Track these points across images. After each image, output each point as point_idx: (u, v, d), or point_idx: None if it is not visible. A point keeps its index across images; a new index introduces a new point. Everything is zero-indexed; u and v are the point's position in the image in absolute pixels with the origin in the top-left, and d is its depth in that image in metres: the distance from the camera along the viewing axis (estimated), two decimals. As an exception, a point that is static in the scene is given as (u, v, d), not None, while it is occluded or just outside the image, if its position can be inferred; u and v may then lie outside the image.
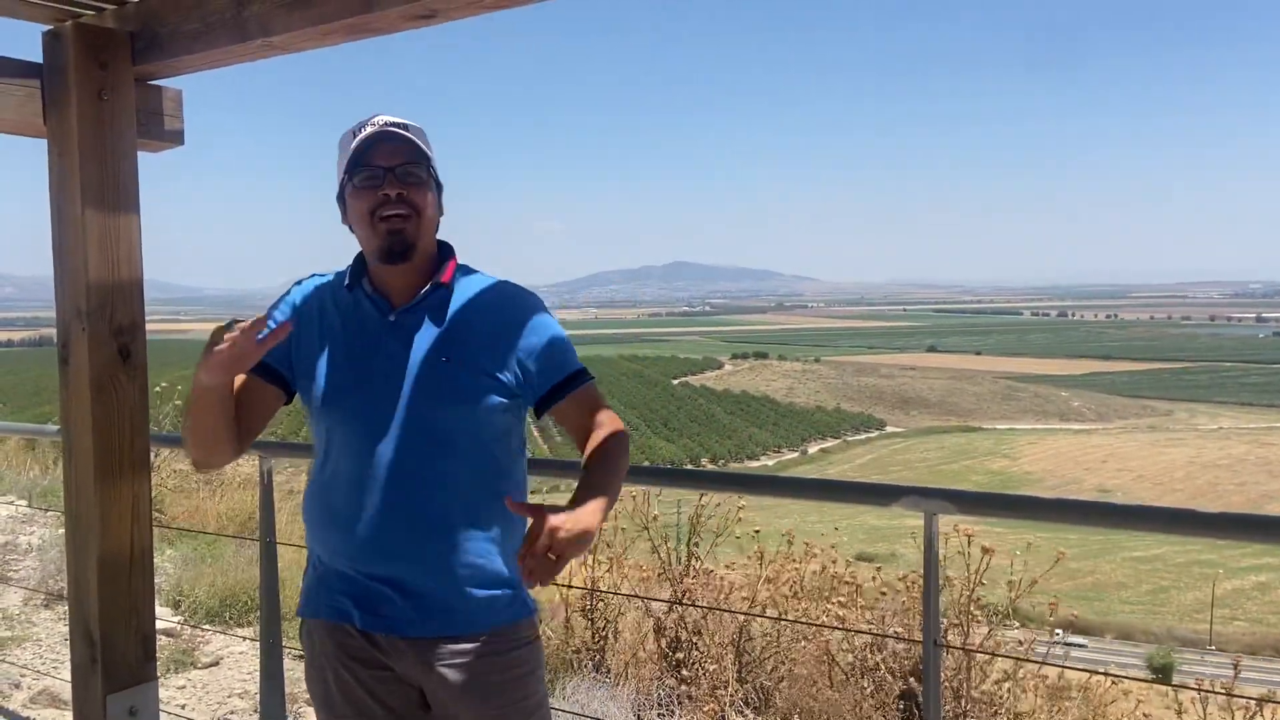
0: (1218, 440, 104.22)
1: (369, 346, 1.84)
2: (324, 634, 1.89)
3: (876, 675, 3.85)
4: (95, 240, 2.30)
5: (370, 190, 1.78)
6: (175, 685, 4.26)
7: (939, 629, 2.26)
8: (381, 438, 1.79)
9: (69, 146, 2.29)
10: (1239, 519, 2.00)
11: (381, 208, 1.77)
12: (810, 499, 2.82)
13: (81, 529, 2.39)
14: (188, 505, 7.06)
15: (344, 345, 1.86)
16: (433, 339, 1.83)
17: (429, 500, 1.80)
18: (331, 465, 1.86)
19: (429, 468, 1.80)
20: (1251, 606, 47.84)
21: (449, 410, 1.80)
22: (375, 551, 1.81)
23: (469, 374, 1.80)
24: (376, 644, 1.84)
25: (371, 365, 1.83)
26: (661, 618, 4.23)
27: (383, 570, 1.81)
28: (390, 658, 1.84)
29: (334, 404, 1.84)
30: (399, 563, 1.80)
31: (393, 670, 1.85)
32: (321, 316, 1.90)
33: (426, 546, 1.80)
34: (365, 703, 1.86)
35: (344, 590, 1.85)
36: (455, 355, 1.81)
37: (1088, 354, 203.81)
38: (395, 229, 1.78)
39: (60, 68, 2.30)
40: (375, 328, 1.85)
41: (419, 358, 1.82)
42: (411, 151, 1.79)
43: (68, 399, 2.38)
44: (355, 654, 1.85)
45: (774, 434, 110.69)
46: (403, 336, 1.83)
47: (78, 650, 2.43)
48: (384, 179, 1.77)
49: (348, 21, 2.00)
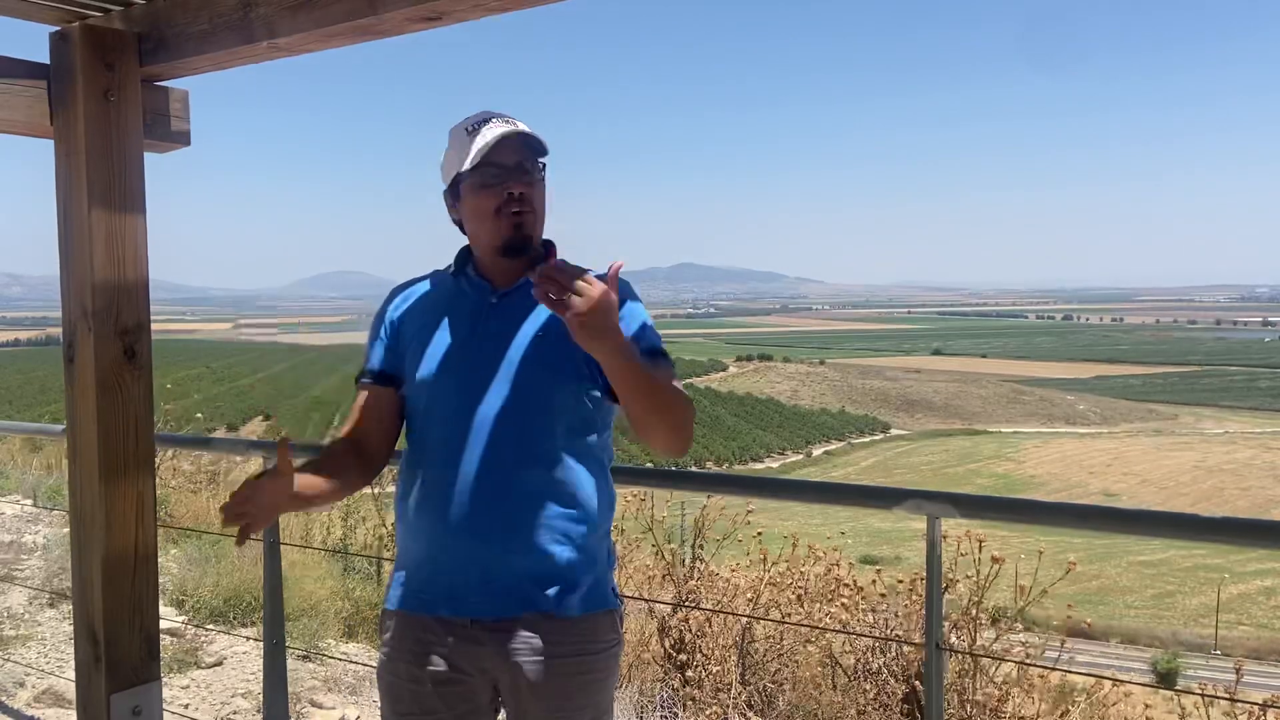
0: (1223, 444, 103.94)
1: (472, 326, 1.91)
2: (404, 627, 1.90)
3: (879, 678, 3.85)
4: (101, 240, 2.31)
5: (494, 188, 1.85)
6: (179, 685, 4.27)
7: (942, 632, 2.25)
8: (479, 408, 1.84)
9: (76, 147, 2.30)
10: (1244, 524, 1.99)
11: (506, 205, 1.85)
12: (814, 501, 2.82)
13: (86, 528, 2.40)
14: (192, 505, 7.08)
15: (446, 328, 1.93)
16: (534, 317, 1.89)
17: (523, 473, 1.83)
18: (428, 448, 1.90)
19: (526, 441, 1.84)
20: (1257, 611, 47.69)
21: (546, 387, 1.86)
22: (467, 528, 1.82)
23: (568, 351, 1.80)
24: (457, 634, 1.84)
25: (473, 343, 1.89)
26: (665, 619, 4.23)
27: (473, 548, 1.83)
28: (470, 649, 1.84)
29: (436, 381, 1.89)
30: (490, 537, 1.82)
31: (466, 670, 1.85)
32: (421, 310, 1.98)
33: (517, 520, 1.83)
34: (432, 702, 1.87)
35: (431, 580, 1.87)
36: (551, 330, 1.86)
37: (1093, 357, 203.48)
38: (518, 223, 1.86)
39: (67, 69, 2.31)
40: (478, 308, 1.92)
41: (521, 334, 1.88)
42: (530, 151, 1.87)
43: (73, 398, 2.38)
44: (432, 649, 1.86)
45: (778, 436, 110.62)
46: (505, 315, 1.90)
47: (81, 649, 2.44)
48: (507, 177, 1.85)
49: (353, 24, 2.00)
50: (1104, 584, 48.38)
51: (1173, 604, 48.43)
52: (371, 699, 4.29)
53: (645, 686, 4.06)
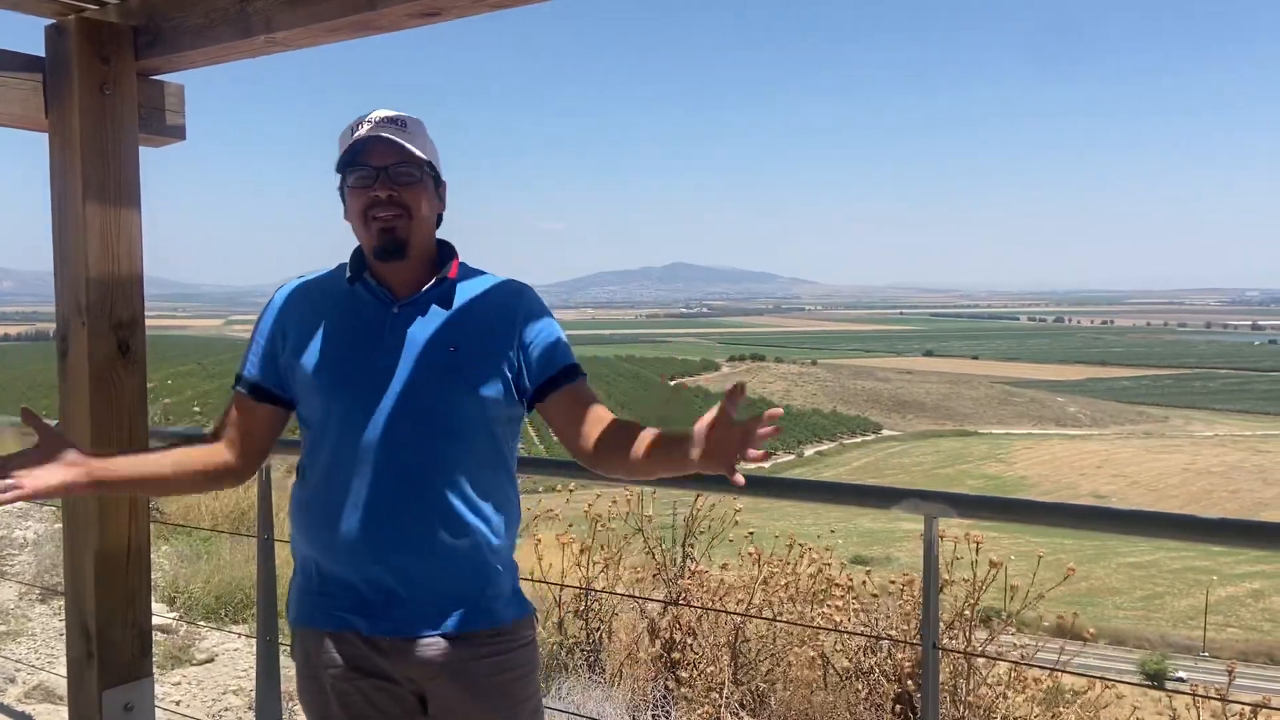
0: (1213, 447, 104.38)
1: (372, 337, 1.84)
2: (321, 644, 1.86)
3: (871, 678, 3.85)
4: (96, 234, 2.30)
5: (363, 190, 1.79)
6: (171, 681, 4.26)
7: (938, 632, 2.26)
8: (384, 425, 1.79)
9: (71, 140, 2.29)
10: (1236, 525, 2.00)
11: (373, 208, 1.79)
12: (811, 501, 2.81)
13: (78, 524, 2.39)
14: (184, 501, 7.04)
15: (344, 336, 1.85)
16: (438, 329, 1.84)
17: (433, 489, 1.79)
18: (327, 459, 1.84)
19: (433, 455, 1.80)
20: (1245, 613, 47.89)
21: (456, 398, 1.81)
22: (378, 544, 1.79)
23: (475, 363, 1.82)
24: (379, 648, 1.82)
25: (375, 354, 1.82)
26: (656, 618, 4.23)
27: (385, 566, 1.79)
28: (392, 661, 1.82)
29: (336, 393, 1.83)
30: (403, 554, 1.79)
31: (392, 678, 1.83)
32: (314, 314, 1.89)
33: (431, 536, 1.79)
34: (366, 713, 1.84)
35: (344, 596, 1.83)
36: (462, 345, 1.83)
37: (1084, 359, 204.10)
38: (387, 227, 1.79)
39: (63, 62, 2.30)
40: (378, 318, 1.85)
41: (425, 346, 1.83)
42: (404, 151, 1.79)
43: (66, 392, 2.37)
44: (356, 663, 1.83)
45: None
46: (408, 326, 1.84)
47: (74, 645, 2.43)
48: (376, 179, 1.78)
49: (351, 19, 2.00)
50: (1093, 585, 48.50)
51: (1161, 606, 48.60)
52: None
53: (637, 686, 4.05)
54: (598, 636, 4.35)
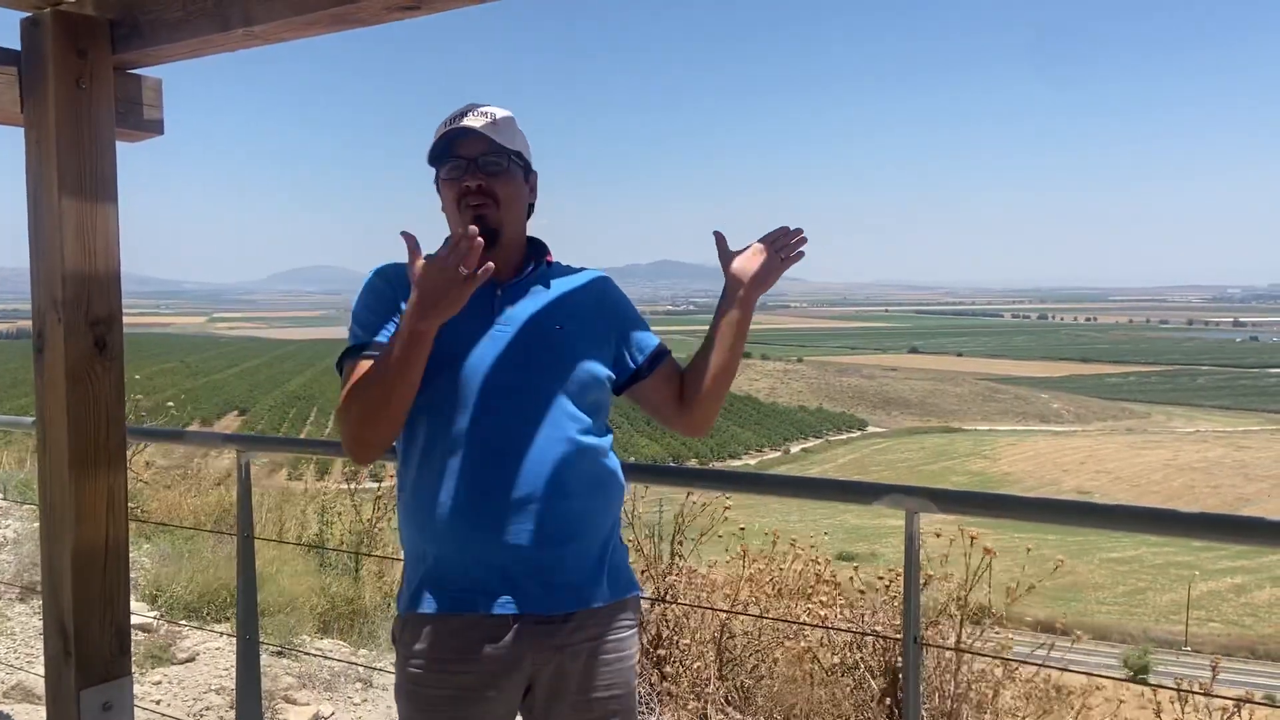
0: (1194, 443, 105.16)
1: (480, 314, 1.86)
2: (435, 627, 1.83)
3: (857, 674, 3.86)
4: (72, 230, 2.27)
5: (455, 180, 1.89)
6: (151, 681, 4.23)
7: (919, 627, 2.26)
8: (506, 404, 1.82)
9: (46, 135, 2.26)
10: (1217, 520, 2.01)
11: (465, 197, 1.87)
12: (793, 496, 2.81)
13: (56, 521, 2.36)
14: (165, 500, 7.00)
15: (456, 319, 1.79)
16: (544, 308, 1.92)
17: (549, 467, 1.81)
18: (441, 441, 1.82)
19: (554, 434, 1.82)
20: (1227, 608, 48.30)
21: (566, 376, 1.86)
22: (494, 524, 1.79)
23: (581, 341, 1.90)
24: (494, 629, 1.80)
25: (484, 331, 1.86)
26: (643, 615, 4.23)
27: (509, 544, 1.79)
28: (510, 646, 1.80)
29: (448, 370, 1.82)
30: (519, 534, 1.79)
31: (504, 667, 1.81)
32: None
33: (549, 515, 1.80)
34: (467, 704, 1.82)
35: (465, 579, 1.82)
36: (568, 324, 1.91)
37: (1067, 356, 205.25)
38: (478, 216, 1.86)
39: (38, 55, 2.27)
40: (483, 300, 1.86)
41: (534, 326, 1.89)
42: (491, 143, 1.87)
43: (43, 390, 2.35)
44: (467, 644, 1.81)
45: (756, 434, 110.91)
46: (514, 306, 1.91)
47: (51, 644, 2.40)
48: (466, 169, 1.87)
49: (331, 11, 1.98)
50: (1076, 580, 48.81)
51: (1144, 601, 48.95)
52: (345, 695, 4.26)
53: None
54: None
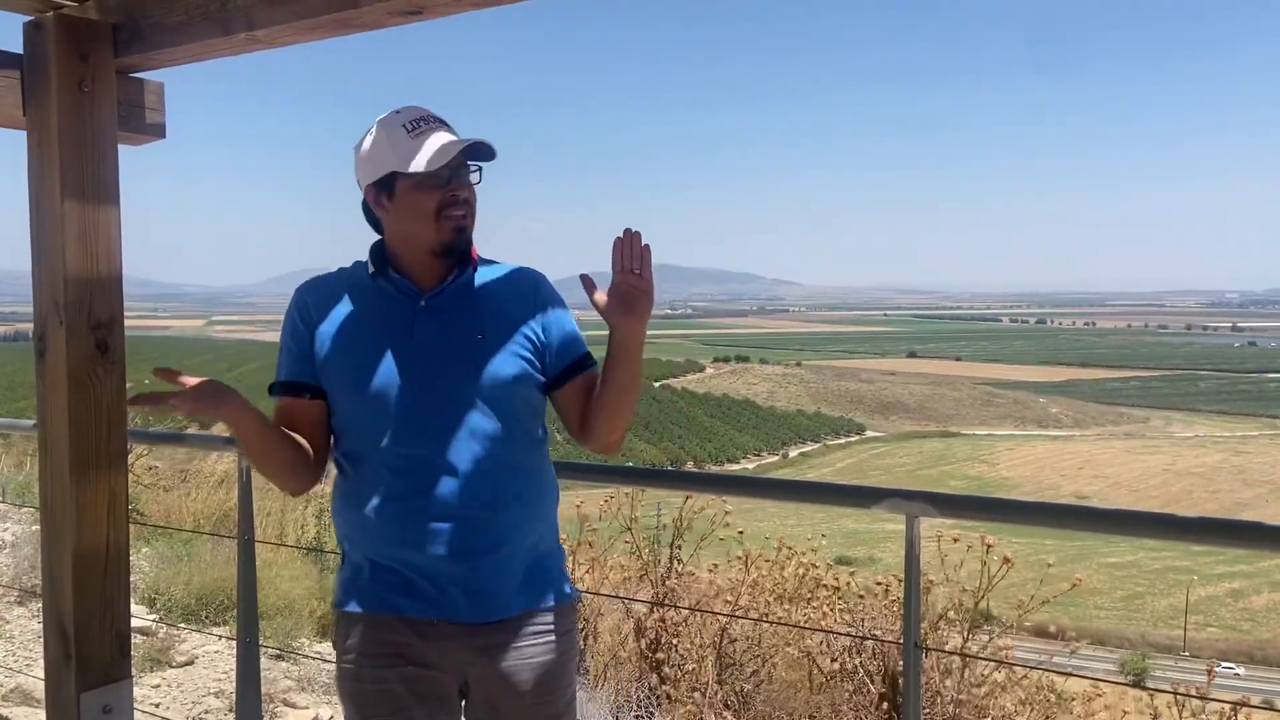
0: (1193, 448, 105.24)
1: (402, 331, 1.86)
2: (365, 627, 1.87)
3: (856, 678, 3.86)
4: (74, 233, 2.28)
5: (436, 189, 1.83)
6: (150, 684, 4.22)
7: (919, 631, 2.26)
8: (424, 419, 1.82)
9: (49, 138, 2.26)
10: (1215, 524, 2.01)
11: (450, 207, 1.84)
12: (793, 500, 2.82)
13: (56, 524, 2.36)
14: (165, 502, 7.00)
15: (373, 333, 1.88)
16: (467, 318, 1.88)
17: (472, 474, 1.81)
18: (369, 454, 1.86)
19: (473, 446, 1.82)
20: (1225, 613, 48.32)
21: (491, 386, 1.84)
22: (421, 531, 1.80)
23: (506, 350, 1.87)
24: (423, 634, 1.83)
25: (407, 348, 1.85)
26: (642, 618, 4.23)
27: (428, 552, 1.80)
28: (437, 647, 1.83)
29: (368, 391, 1.84)
30: (445, 540, 1.80)
31: (432, 664, 1.84)
32: (339, 310, 1.92)
33: (472, 521, 1.81)
34: (403, 700, 1.84)
35: (391, 581, 1.84)
36: (490, 333, 1.87)
37: (1066, 361, 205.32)
38: (460, 226, 1.85)
39: (41, 59, 2.27)
40: (406, 312, 1.88)
41: (456, 337, 1.86)
42: (470, 154, 1.86)
43: (44, 393, 2.35)
44: (395, 649, 1.84)
45: (754, 437, 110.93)
46: (437, 318, 1.87)
47: (51, 647, 2.40)
48: (450, 180, 1.84)
49: (333, 16, 1.98)
50: (1075, 585, 48.71)
51: (1142, 605, 48.98)
52: (345, 699, 4.26)
53: (621, 686, 4.05)
54: (582, 637, 4.35)
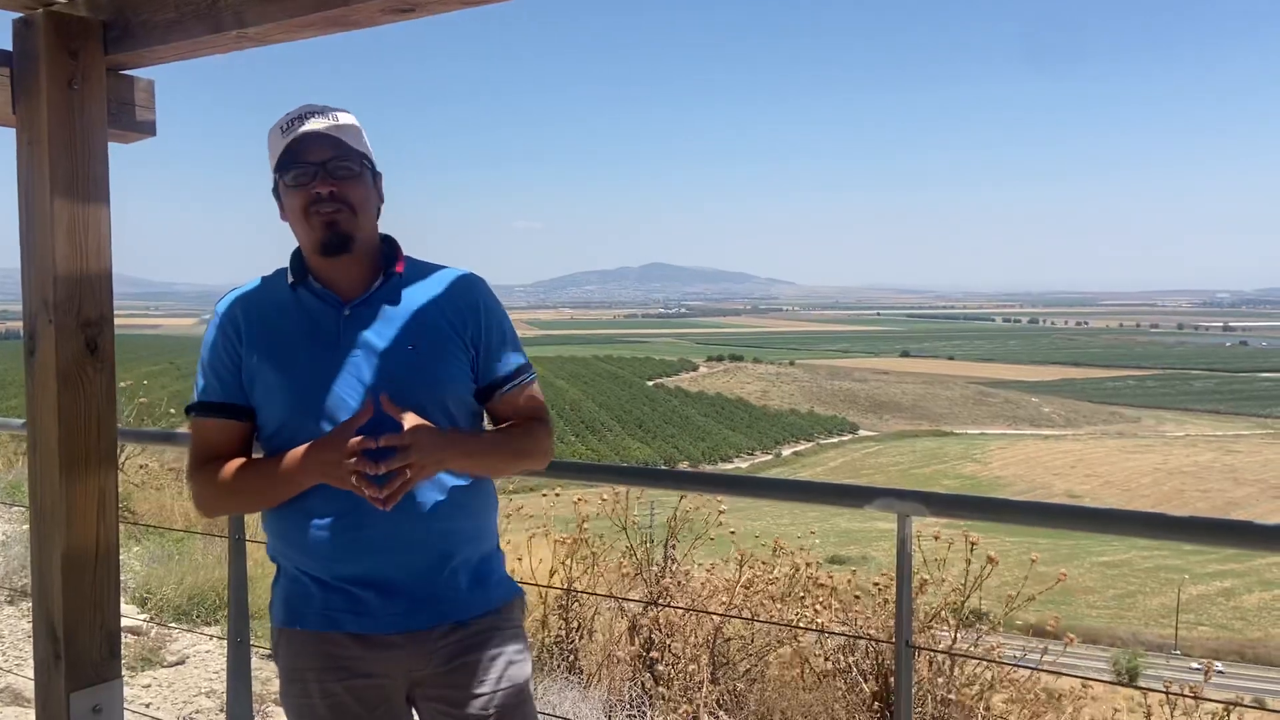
0: (1184, 447, 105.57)
1: (326, 342, 1.81)
2: (305, 645, 1.83)
3: (849, 677, 3.87)
4: (64, 231, 2.26)
5: (302, 187, 1.78)
6: (141, 684, 4.21)
7: (911, 630, 2.26)
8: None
9: (38, 136, 2.25)
10: (1207, 523, 2.02)
11: (315, 204, 1.77)
12: (785, 499, 2.82)
13: (46, 523, 2.35)
14: (155, 502, 6.98)
15: (297, 344, 1.83)
16: (394, 328, 1.82)
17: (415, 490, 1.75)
18: None
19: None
20: (1216, 612, 48.49)
21: (421, 397, 1.78)
22: (360, 549, 1.78)
23: (436, 359, 1.82)
24: (367, 645, 1.80)
25: (333, 360, 1.80)
26: (636, 618, 4.23)
27: (369, 568, 1.78)
28: (381, 657, 1.80)
29: (299, 404, 1.80)
30: (386, 556, 1.78)
31: (379, 674, 1.81)
32: (262, 323, 1.86)
33: (412, 536, 1.78)
34: (352, 711, 1.81)
35: (328, 596, 1.81)
36: (420, 342, 1.81)
37: (1058, 360, 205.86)
38: (329, 221, 1.77)
39: (30, 56, 2.26)
40: (330, 323, 1.83)
41: (384, 347, 1.80)
42: (340, 145, 1.78)
43: (34, 391, 2.34)
44: (341, 663, 1.81)
45: (748, 437, 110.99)
46: (362, 329, 1.82)
47: (41, 647, 2.39)
48: (315, 175, 1.77)
49: (325, 14, 1.97)
50: (1066, 584, 48.77)
51: (1134, 604, 49.11)
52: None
53: (615, 685, 4.05)
54: (576, 637, 4.34)
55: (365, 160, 1.83)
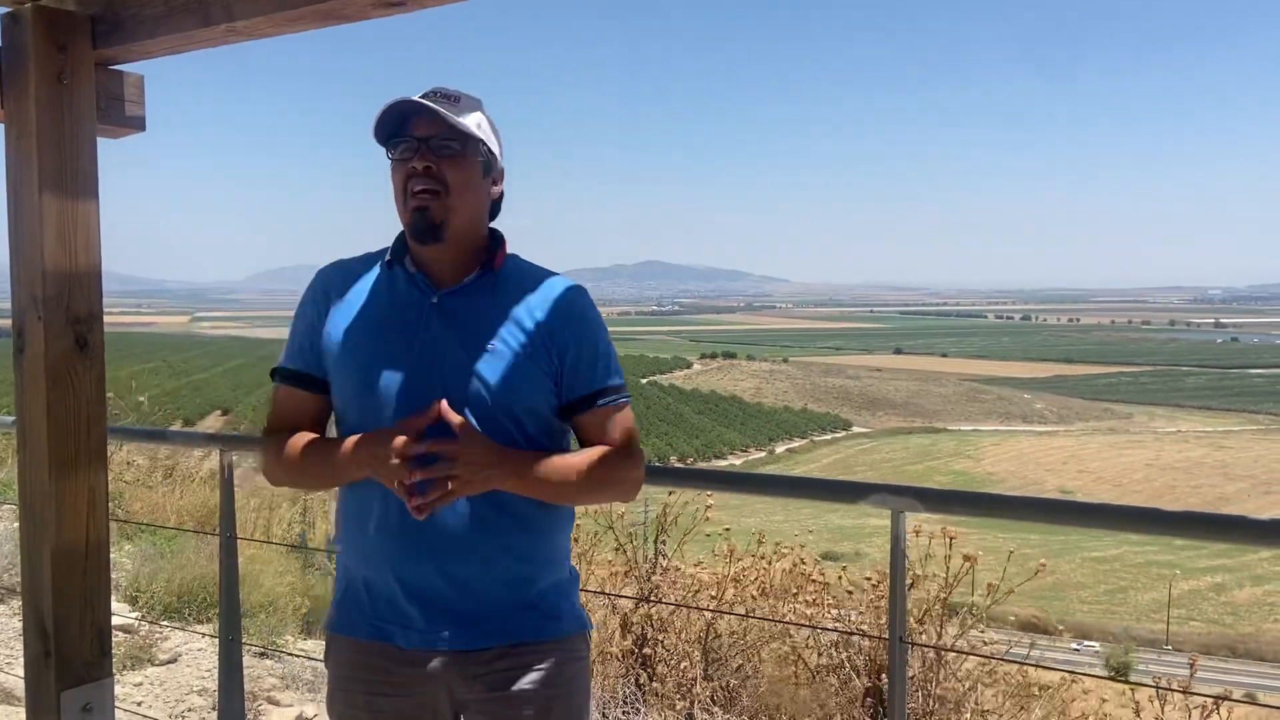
0: (1176, 443, 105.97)
1: (408, 328, 1.73)
2: (356, 654, 1.77)
3: (842, 673, 3.87)
4: (53, 227, 2.25)
5: (403, 162, 1.70)
6: (132, 682, 4.19)
7: (904, 626, 2.26)
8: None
9: (27, 131, 2.24)
10: (1198, 518, 2.02)
11: (411, 181, 1.69)
12: (779, 496, 2.82)
13: (36, 521, 2.34)
14: (147, 500, 6.95)
15: (380, 326, 1.75)
16: (479, 324, 1.72)
17: (476, 499, 1.68)
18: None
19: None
20: (1207, 607, 48.71)
21: (490, 402, 1.69)
22: (411, 558, 1.69)
23: (513, 365, 1.70)
24: (415, 662, 1.72)
25: (411, 347, 1.71)
26: (628, 615, 4.22)
27: (420, 579, 1.70)
28: (430, 676, 1.72)
29: (366, 388, 1.72)
30: (437, 568, 1.69)
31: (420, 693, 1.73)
32: (350, 298, 1.80)
33: (466, 549, 1.69)
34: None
35: (384, 605, 1.74)
36: (501, 345, 1.71)
37: (1050, 357, 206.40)
38: (421, 205, 1.68)
39: (19, 51, 2.25)
40: (416, 309, 1.74)
41: (463, 342, 1.71)
42: (448, 123, 1.67)
43: (23, 389, 2.32)
44: (389, 675, 1.73)
45: (742, 434, 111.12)
46: (447, 319, 1.73)
47: (31, 645, 2.38)
48: (417, 151, 1.68)
49: (314, 8, 1.96)
50: (1058, 579, 49.08)
51: (1125, 599, 49.31)
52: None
53: (607, 683, 4.04)
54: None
55: (479, 145, 1.73)
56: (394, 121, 1.71)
